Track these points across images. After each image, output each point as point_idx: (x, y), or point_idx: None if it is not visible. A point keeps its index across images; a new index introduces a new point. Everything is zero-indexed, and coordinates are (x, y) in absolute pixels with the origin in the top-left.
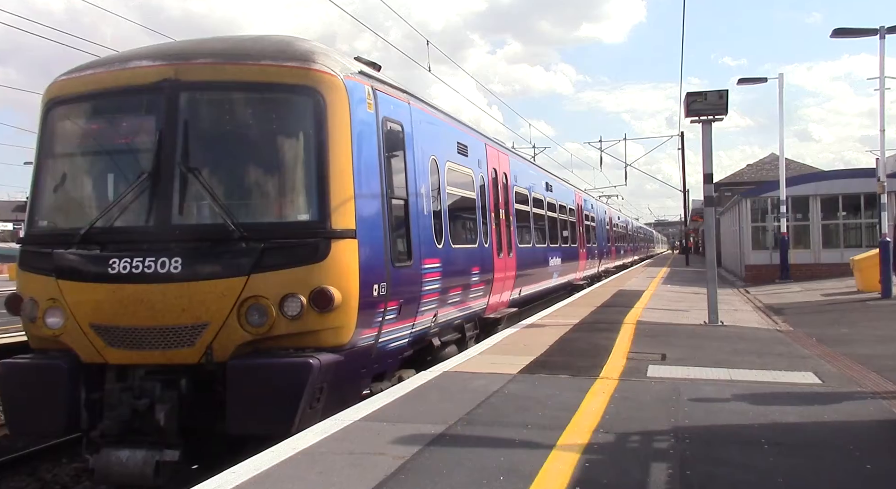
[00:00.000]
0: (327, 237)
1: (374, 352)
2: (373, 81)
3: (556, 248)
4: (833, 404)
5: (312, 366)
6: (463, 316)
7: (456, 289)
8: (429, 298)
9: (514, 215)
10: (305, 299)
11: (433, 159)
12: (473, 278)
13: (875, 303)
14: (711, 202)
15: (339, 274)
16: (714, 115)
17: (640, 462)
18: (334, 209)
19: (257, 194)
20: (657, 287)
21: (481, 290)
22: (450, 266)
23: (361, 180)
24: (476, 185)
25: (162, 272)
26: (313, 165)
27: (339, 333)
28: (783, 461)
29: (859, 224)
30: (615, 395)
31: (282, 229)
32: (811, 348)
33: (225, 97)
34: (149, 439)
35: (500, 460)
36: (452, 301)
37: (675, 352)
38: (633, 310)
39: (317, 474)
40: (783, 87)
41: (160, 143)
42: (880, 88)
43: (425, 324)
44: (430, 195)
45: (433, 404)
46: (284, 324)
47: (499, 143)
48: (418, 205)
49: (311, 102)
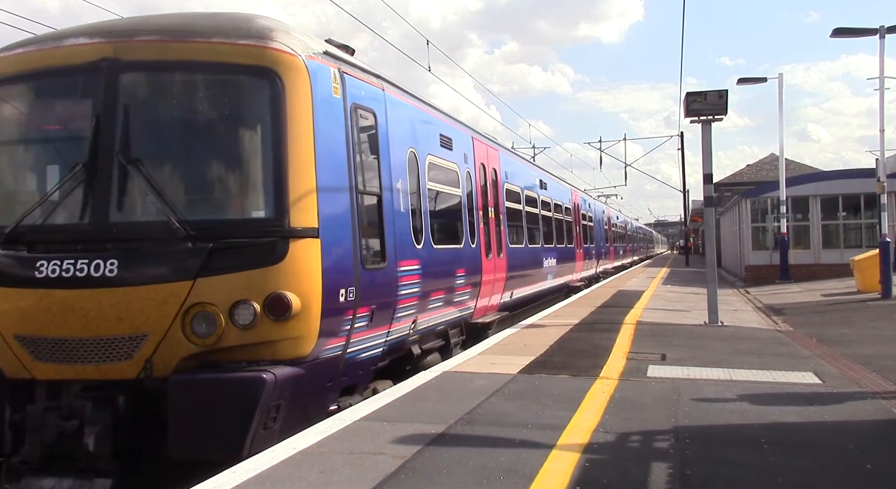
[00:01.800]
0: (285, 236)
1: (341, 364)
2: (340, 64)
3: (550, 249)
4: (833, 404)
5: (265, 382)
6: (447, 321)
7: (438, 293)
8: (406, 303)
9: (504, 214)
10: (259, 306)
11: (412, 152)
12: (458, 281)
13: (875, 303)
14: (711, 202)
15: (298, 277)
16: (714, 115)
17: (641, 462)
18: (293, 205)
19: (206, 188)
20: (657, 287)
21: (467, 294)
22: (431, 268)
23: (325, 173)
24: (462, 182)
25: (95, 276)
26: (269, 156)
27: (299, 344)
28: (783, 461)
29: (859, 224)
30: (615, 395)
31: (233, 228)
32: (811, 348)
33: (170, 79)
34: (77, 466)
35: (500, 460)
36: (434, 306)
37: (675, 353)
38: (633, 310)
39: (317, 474)
40: (783, 87)
41: (97, 130)
42: (880, 88)
43: (402, 331)
44: (409, 191)
45: (433, 404)
46: (235, 334)
47: (488, 138)
48: (394, 201)
49: (268, 85)
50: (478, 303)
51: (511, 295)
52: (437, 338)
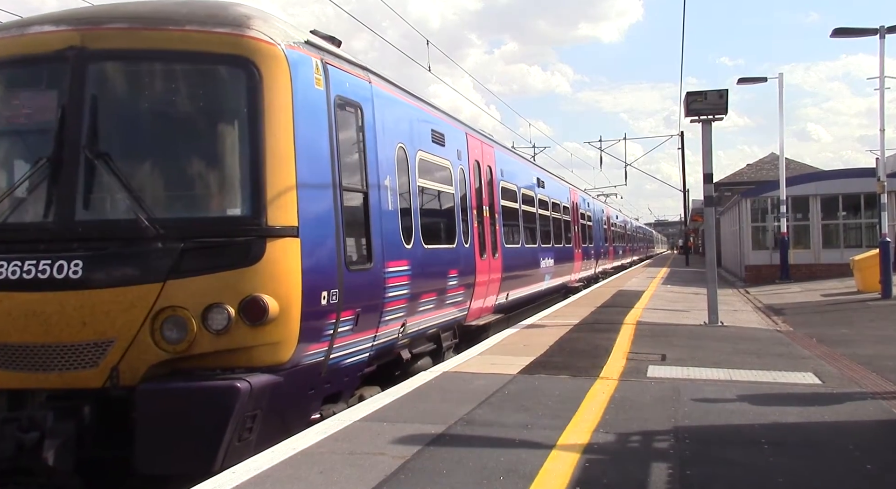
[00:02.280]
0: (262, 235)
1: (324, 371)
2: (323, 54)
3: (548, 249)
4: (833, 404)
5: (240, 391)
6: (439, 324)
7: (429, 295)
8: (394, 306)
9: (500, 213)
10: (234, 310)
11: (401, 147)
12: (451, 282)
13: (875, 303)
14: (711, 202)
15: (275, 279)
16: (714, 114)
17: (641, 462)
18: (271, 202)
19: (178, 184)
20: (657, 287)
21: (461, 295)
22: (421, 269)
23: (306, 169)
24: (455, 179)
25: (59, 278)
26: (245, 150)
27: (277, 350)
28: (783, 461)
29: (859, 224)
30: (615, 396)
31: (206, 226)
32: (811, 348)
33: (141, 69)
34: (37, 481)
35: (500, 460)
36: (425, 308)
37: (675, 353)
38: (633, 310)
39: (317, 474)
40: (783, 87)
41: (62, 123)
42: (880, 88)
43: (391, 335)
44: (398, 189)
45: (433, 404)
46: (208, 340)
47: (483, 134)
48: (381, 199)
49: (244, 75)
50: (472, 305)
51: (507, 296)
52: (429, 341)
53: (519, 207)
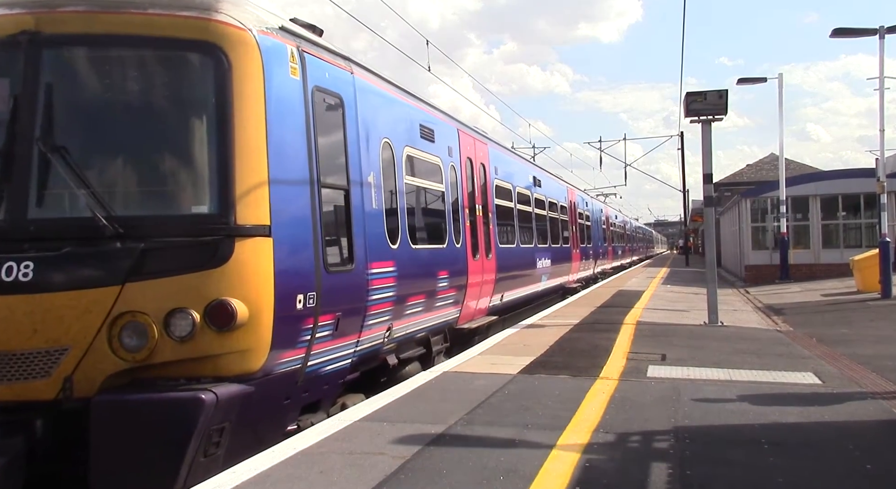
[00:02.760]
0: (230, 235)
1: (301, 379)
2: (300, 42)
3: (545, 249)
4: (833, 404)
5: (204, 403)
6: (428, 327)
7: (417, 297)
8: (379, 309)
9: (493, 212)
10: (199, 315)
11: (386, 143)
12: (441, 284)
13: (875, 303)
14: (711, 202)
15: (245, 282)
16: (714, 115)
17: (641, 462)
18: (240, 198)
19: (139, 180)
20: (657, 287)
21: (452, 298)
22: (408, 270)
23: (280, 163)
24: (445, 176)
25: (7, 280)
26: (212, 143)
27: (248, 358)
28: (783, 461)
29: (859, 224)
30: (615, 395)
31: (169, 225)
32: (811, 348)
33: (100, 55)
34: None
35: (500, 460)
36: (413, 311)
37: (675, 353)
38: (633, 310)
39: (317, 474)
40: (783, 87)
41: (14, 113)
42: (880, 88)
43: (375, 339)
44: (383, 186)
45: (433, 404)
46: (171, 347)
47: (476, 131)
48: (364, 196)
49: (212, 62)
50: (464, 308)
51: (501, 298)
52: (418, 345)
53: (514, 206)
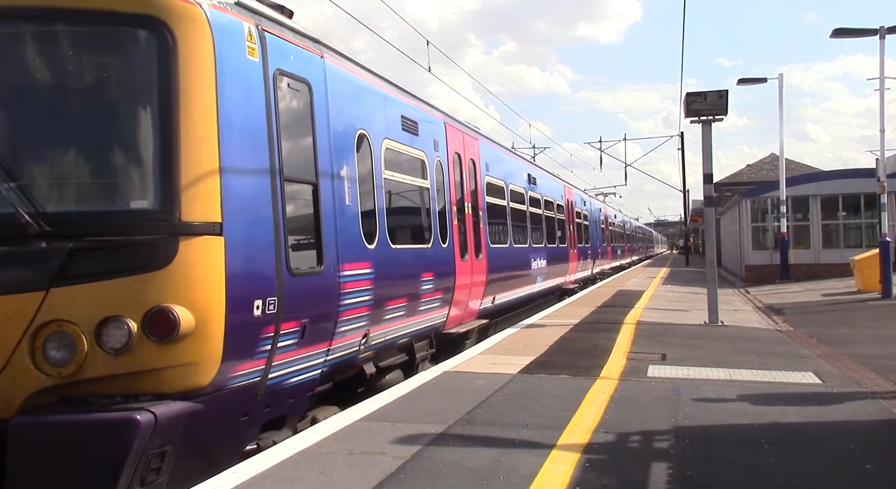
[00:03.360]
0: (173, 233)
1: (261, 393)
2: (260, 20)
3: (540, 249)
4: (833, 404)
5: (139, 425)
6: (411, 333)
7: (398, 301)
8: (353, 314)
9: (484, 210)
10: (136, 324)
11: (362, 134)
12: (425, 286)
13: (875, 303)
14: (711, 202)
15: (190, 286)
16: (714, 115)
17: (641, 462)
18: (186, 192)
19: (69, 171)
20: (657, 287)
21: (437, 301)
22: (387, 271)
23: (234, 153)
24: (430, 172)
25: None
26: (155, 129)
27: (195, 371)
28: (783, 461)
29: (859, 224)
30: (615, 395)
31: (104, 222)
32: (811, 348)
33: (26, 30)
34: None
35: (500, 460)
36: (393, 316)
37: (675, 352)
38: (633, 310)
39: (317, 474)
40: (783, 87)
41: None
42: (880, 88)
43: (349, 347)
44: (358, 181)
45: (433, 404)
46: (103, 361)
47: (466, 125)
48: (336, 192)
49: (154, 39)
50: (451, 311)
51: (493, 300)
52: (400, 352)
53: (507, 205)
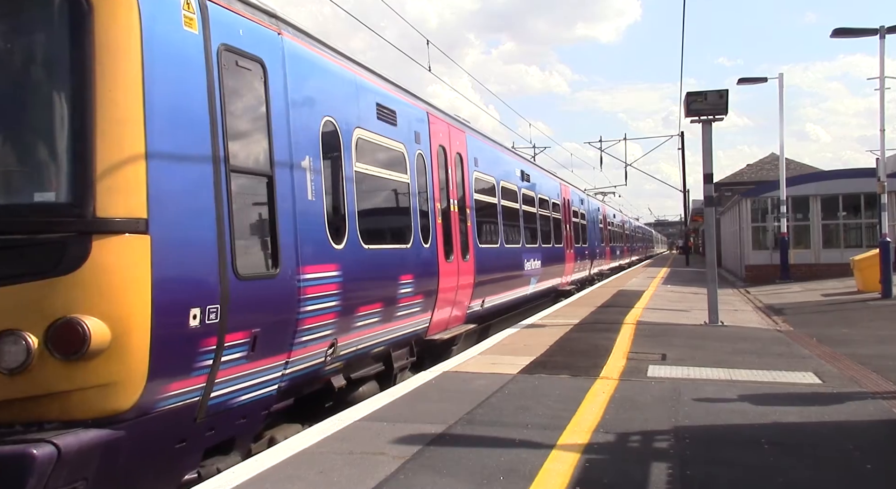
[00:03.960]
0: (85, 230)
1: (201, 414)
2: None
3: (534, 249)
4: (833, 404)
5: (34, 461)
6: (388, 341)
7: (371, 306)
8: (317, 322)
9: (473, 208)
10: (36, 339)
11: (329, 122)
12: (404, 290)
13: (875, 303)
14: (711, 202)
15: (106, 293)
16: (714, 114)
17: (641, 462)
18: (101, 181)
19: None
20: (657, 287)
21: (419, 305)
22: (359, 274)
23: (166, 138)
24: (410, 166)
25: None
26: (65, 107)
27: (113, 393)
28: (783, 461)
29: (859, 224)
30: (615, 395)
31: (1, 217)
32: (811, 348)
33: None
34: None
35: (500, 460)
36: (366, 322)
37: (675, 353)
38: (633, 310)
39: (317, 474)
40: (783, 87)
41: None
42: (880, 88)
43: (313, 359)
44: (323, 173)
45: (433, 404)
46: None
47: (452, 117)
48: (296, 185)
49: (66, 4)
50: (435, 316)
51: (482, 303)
52: (376, 361)
53: (498, 202)
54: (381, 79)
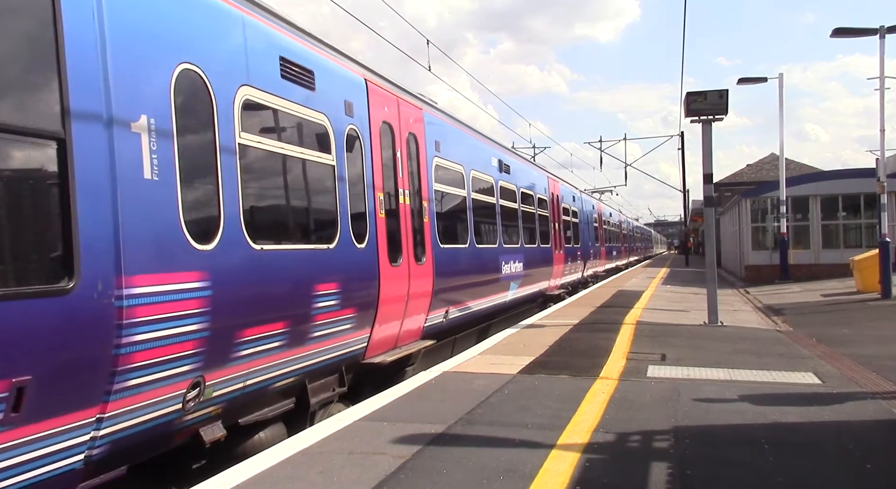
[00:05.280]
0: None
1: None
2: None
3: (515, 250)
4: (833, 404)
5: None
6: (301, 370)
7: (267, 326)
8: (159, 357)
9: (432, 201)
10: None
11: (189, 72)
12: (324, 302)
13: (875, 303)
14: (711, 202)
15: None
16: (714, 114)
17: (641, 462)
18: None
19: None
20: (657, 287)
21: (349, 321)
22: (243, 284)
23: None
24: (337, 144)
25: None
26: None
27: None
28: (783, 461)
29: (859, 224)
30: (615, 395)
31: None
32: (811, 348)
33: None
34: None
35: (500, 460)
36: (260, 348)
37: (674, 353)
38: (632, 310)
39: (317, 474)
40: (783, 87)
41: None
42: (880, 88)
43: (160, 407)
44: (175, 140)
45: (433, 404)
46: None
47: (403, 89)
48: (120, 155)
49: None
50: (375, 333)
51: (446, 314)
52: (284, 397)
53: (468, 195)
54: (295, 29)
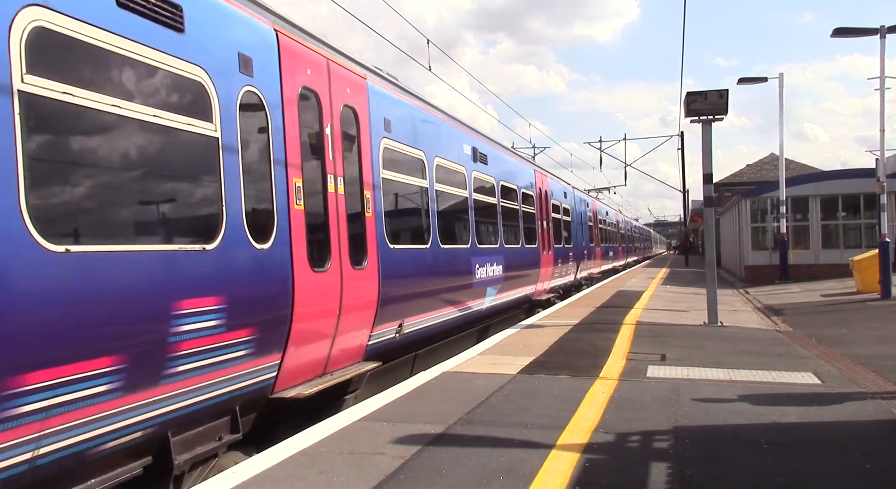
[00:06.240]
0: None
1: None
2: None
3: (492, 251)
4: (833, 404)
5: None
6: (158, 418)
7: (82, 364)
8: None
9: (378, 191)
10: None
11: None
12: (192, 325)
13: (875, 303)
14: (711, 202)
15: None
16: (714, 114)
17: (640, 462)
18: None
19: None
20: (657, 287)
21: (245, 346)
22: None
23: None
24: (222, 109)
25: None
26: None
27: None
28: (783, 461)
29: (859, 224)
30: (615, 396)
31: None
32: (811, 349)
33: None
34: None
35: (500, 460)
36: (56, 398)
37: (674, 353)
38: (632, 310)
39: (317, 474)
40: (783, 87)
41: None
42: (880, 88)
43: None
44: None
45: (433, 404)
46: None
47: (337, 50)
48: None
49: None
50: (288, 359)
51: (399, 328)
52: (132, 459)
53: (430, 187)
54: None
